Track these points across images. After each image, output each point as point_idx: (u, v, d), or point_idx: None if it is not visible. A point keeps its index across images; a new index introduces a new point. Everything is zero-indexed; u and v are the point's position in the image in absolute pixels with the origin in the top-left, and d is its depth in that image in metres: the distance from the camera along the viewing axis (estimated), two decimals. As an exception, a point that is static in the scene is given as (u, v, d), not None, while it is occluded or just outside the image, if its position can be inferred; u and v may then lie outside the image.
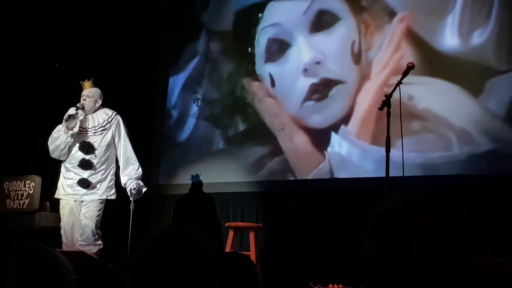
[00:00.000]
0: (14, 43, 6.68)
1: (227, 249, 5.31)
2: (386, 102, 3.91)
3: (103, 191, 5.24)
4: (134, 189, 5.20)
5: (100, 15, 6.82)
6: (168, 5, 7.06)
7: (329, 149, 5.73)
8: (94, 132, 5.29)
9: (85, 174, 5.21)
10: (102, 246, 5.19)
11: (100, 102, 5.41)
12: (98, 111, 5.40)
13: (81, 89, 5.40)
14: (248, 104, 6.26)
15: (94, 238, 5.13)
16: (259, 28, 6.30)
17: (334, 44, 5.83)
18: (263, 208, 5.98)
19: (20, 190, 5.94)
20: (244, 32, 6.41)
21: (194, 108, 6.58)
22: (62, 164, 5.32)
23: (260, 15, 6.31)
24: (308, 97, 5.86)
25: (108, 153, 5.31)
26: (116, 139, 5.35)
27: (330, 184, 5.70)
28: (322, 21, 5.91)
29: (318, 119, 5.82)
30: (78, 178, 5.19)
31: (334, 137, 5.71)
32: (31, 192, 5.90)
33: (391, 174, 4.02)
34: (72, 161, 5.24)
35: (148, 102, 6.81)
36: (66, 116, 5.14)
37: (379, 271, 1.12)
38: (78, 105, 5.23)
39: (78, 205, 5.21)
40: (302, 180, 5.89)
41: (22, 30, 6.70)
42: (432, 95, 5.26)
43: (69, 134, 5.18)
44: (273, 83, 6.13)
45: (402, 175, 4.12)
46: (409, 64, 4.01)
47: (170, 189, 6.51)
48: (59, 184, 5.31)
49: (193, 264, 1.30)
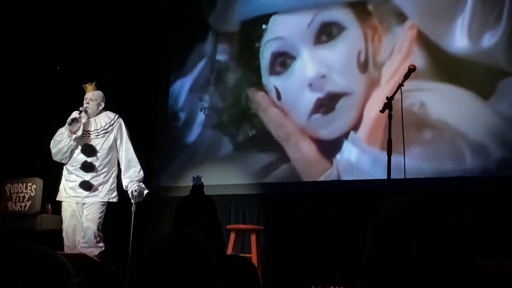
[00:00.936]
0: (16, 45, 6.68)
1: (229, 252, 5.31)
2: (388, 105, 3.90)
3: (105, 194, 5.25)
4: (136, 192, 5.21)
5: (101, 17, 6.83)
6: (169, 6, 7.06)
7: (338, 156, 5.72)
8: (96, 135, 5.30)
9: (87, 177, 5.21)
10: (104, 249, 5.19)
11: (103, 105, 5.42)
12: (100, 114, 5.41)
13: (84, 92, 5.40)
14: (254, 114, 6.25)
15: (96, 241, 5.13)
16: (263, 41, 6.28)
17: (340, 56, 5.81)
18: (265, 210, 5.98)
19: (22, 193, 5.95)
20: (248, 44, 6.41)
21: (201, 116, 6.56)
22: (64, 167, 5.32)
23: (264, 27, 6.29)
24: (315, 111, 5.85)
25: (110, 156, 5.32)
26: (118, 142, 5.36)
27: (331, 186, 5.70)
28: (327, 33, 5.89)
29: (326, 132, 5.82)
30: (80, 181, 5.20)
31: (343, 145, 5.70)
32: (33, 195, 5.90)
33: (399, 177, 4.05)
34: (74, 164, 5.25)
35: (150, 104, 6.81)
36: (69, 120, 5.15)
37: (380, 273, 1.13)
38: (81, 109, 5.24)
39: (80, 208, 5.21)
40: (303, 182, 5.89)
41: (24, 32, 6.71)
42: (443, 102, 5.26)
43: (72, 138, 5.19)
44: (279, 96, 6.11)
45: (404, 177, 4.12)
46: (411, 67, 3.99)
47: (172, 192, 6.51)
48: (61, 187, 5.31)
49: (196, 268, 1.30)
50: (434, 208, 1.14)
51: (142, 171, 5.36)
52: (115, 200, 5.32)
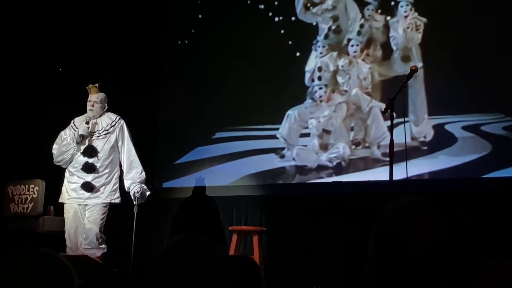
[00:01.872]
0: (18, 48, 6.69)
1: (231, 253, 5.31)
2: (390, 106, 3.90)
3: (107, 195, 5.25)
4: (138, 193, 5.21)
5: (103, 18, 6.83)
6: (172, 5, 7.07)
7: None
8: (98, 136, 5.30)
9: (89, 178, 5.21)
10: (106, 250, 5.19)
11: (106, 107, 5.43)
12: (102, 115, 5.41)
13: (86, 93, 5.40)
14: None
15: (98, 242, 5.13)
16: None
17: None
18: (267, 212, 5.98)
19: (24, 194, 5.95)
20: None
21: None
22: (66, 169, 5.33)
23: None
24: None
25: (112, 157, 5.32)
26: (120, 143, 5.36)
27: (334, 188, 5.71)
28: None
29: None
30: (82, 182, 5.20)
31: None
32: (35, 196, 5.90)
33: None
34: (76, 165, 5.25)
35: (152, 106, 6.81)
36: (79, 137, 5.17)
37: (383, 275, 1.12)
38: (88, 119, 5.27)
39: (82, 209, 5.22)
40: (306, 184, 5.90)
41: (26, 35, 6.71)
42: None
43: (77, 148, 5.24)
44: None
45: (406, 177, 4.11)
46: (413, 68, 4.00)
47: (174, 193, 6.51)
48: (63, 189, 5.32)
49: (208, 272, 1.31)
50: (436, 210, 1.14)
51: (144, 172, 5.36)
52: (118, 201, 5.31)
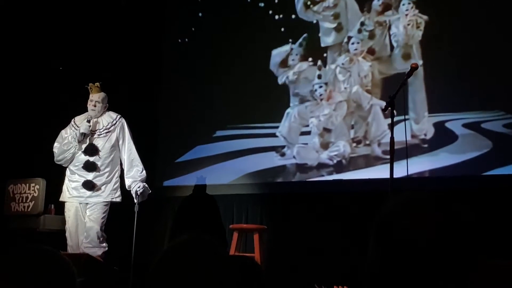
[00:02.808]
0: (18, 47, 6.69)
1: (232, 251, 5.32)
2: (390, 103, 3.89)
3: (108, 193, 5.25)
4: (139, 191, 5.21)
5: (103, 17, 6.83)
6: (172, 6, 7.06)
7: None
8: (99, 135, 5.31)
9: (90, 176, 5.22)
10: (107, 248, 5.20)
11: (107, 106, 5.43)
12: (103, 114, 5.41)
13: (87, 92, 5.40)
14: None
15: (99, 241, 5.14)
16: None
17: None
18: (267, 210, 5.98)
19: (25, 193, 5.95)
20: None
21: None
22: (67, 167, 5.33)
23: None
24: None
25: (113, 156, 5.32)
26: (120, 142, 5.36)
27: (334, 186, 5.71)
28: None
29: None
30: (83, 180, 5.20)
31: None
32: (36, 195, 5.90)
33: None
34: (77, 164, 5.26)
35: (153, 104, 6.81)
36: (80, 136, 5.18)
37: (383, 272, 1.13)
38: (89, 118, 5.27)
39: (83, 208, 5.22)
40: (306, 182, 5.90)
41: (26, 34, 6.71)
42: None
43: (78, 147, 5.24)
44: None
45: (407, 175, 4.12)
46: (413, 65, 3.99)
47: (174, 191, 6.51)
48: (64, 187, 5.32)
49: (212, 273, 1.31)
50: (435, 207, 1.14)
51: (145, 171, 5.36)
52: (119, 200, 5.32)
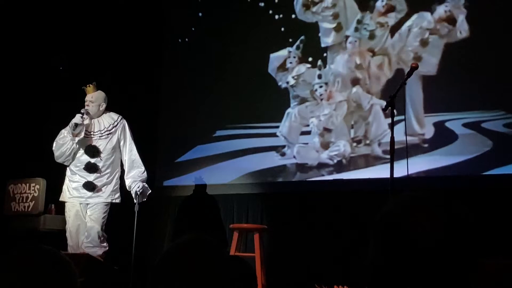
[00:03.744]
0: (18, 47, 6.69)
1: (232, 251, 5.32)
2: (390, 103, 3.89)
3: (108, 194, 5.25)
4: (139, 191, 5.21)
5: (102, 17, 6.83)
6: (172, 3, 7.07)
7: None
8: (100, 136, 5.30)
9: (91, 177, 5.21)
10: (107, 248, 5.20)
11: (104, 106, 5.40)
12: (104, 115, 5.40)
13: (85, 93, 5.39)
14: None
15: (100, 240, 5.14)
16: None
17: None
18: (267, 210, 5.98)
19: (25, 193, 5.95)
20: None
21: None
22: (68, 167, 5.33)
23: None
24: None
25: (114, 157, 5.32)
26: (122, 143, 5.36)
27: (335, 185, 5.71)
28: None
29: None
30: (84, 181, 5.20)
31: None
32: (36, 195, 5.91)
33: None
34: (78, 164, 5.25)
35: (153, 105, 6.81)
36: (73, 125, 5.15)
37: (383, 271, 1.13)
38: (83, 111, 5.24)
39: (84, 208, 5.22)
40: (307, 181, 5.90)
41: (26, 34, 6.71)
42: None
43: (75, 141, 5.20)
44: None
45: (407, 175, 4.11)
46: (413, 65, 3.99)
47: (175, 191, 6.51)
48: (65, 187, 5.32)
49: (214, 272, 1.31)
50: (437, 206, 1.14)
51: (146, 172, 5.36)
52: (118, 201, 5.32)
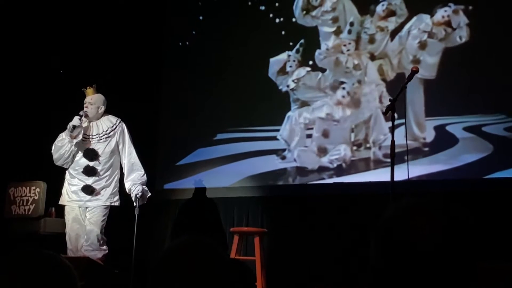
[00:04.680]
0: (19, 50, 6.70)
1: (232, 254, 5.31)
2: (391, 107, 3.90)
3: (107, 198, 5.24)
4: (139, 195, 5.20)
5: (102, 19, 6.84)
6: (171, 6, 7.07)
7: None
8: (98, 140, 5.29)
9: (89, 181, 5.21)
10: (107, 252, 5.19)
11: (103, 108, 5.40)
12: (102, 118, 5.40)
13: (85, 95, 5.40)
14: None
15: (99, 244, 5.13)
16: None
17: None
18: (268, 213, 5.98)
19: (25, 196, 5.95)
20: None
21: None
22: (67, 171, 5.32)
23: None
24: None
25: (112, 160, 5.32)
26: (120, 146, 5.35)
27: (335, 188, 5.71)
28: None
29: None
30: (82, 185, 5.20)
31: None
32: (36, 198, 5.90)
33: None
34: (77, 168, 5.25)
35: (153, 107, 6.81)
36: (71, 127, 5.15)
37: (384, 275, 1.13)
38: (81, 113, 5.23)
39: (83, 211, 5.22)
40: (307, 185, 5.90)
41: (27, 37, 6.72)
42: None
43: (73, 143, 5.19)
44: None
45: (408, 178, 4.11)
46: (414, 69, 4.00)
47: (175, 194, 6.51)
48: (64, 191, 5.31)
49: (212, 274, 1.31)
50: (436, 210, 1.14)
51: (146, 175, 5.36)
52: (117, 204, 5.31)
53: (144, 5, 6.92)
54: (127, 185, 5.29)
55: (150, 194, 5.38)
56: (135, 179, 5.29)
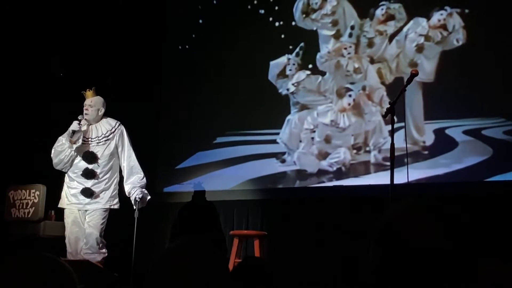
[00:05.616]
0: (19, 53, 6.70)
1: (232, 257, 5.31)
2: (391, 110, 3.90)
3: (106, 200, 5.25)
4: (139, 198, 5.20)
5: (103, 22, 6.84)
6: (173, 7, 7.08)
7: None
8: (98, 142, 5.29)
9: (89, 184, 5.21)
10: (107, 255, 5.19)
11: (103, 111, 5.40)
12: (102, 121, 5.40)
13: (84, 98, 5.40)
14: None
15: (99, 247, 5.13)
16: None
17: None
18: (268, 216, 5.97)
19: (25, 199, 5.95)
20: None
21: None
22: (66, 174, 5.32)
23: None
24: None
25: (112, 163, 5.32)
26: (120, 149, 5.35)
27: (335, 191, 5.71)
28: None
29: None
30: (82, 188, 5.20)
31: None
32: (36, 201, 5.90)
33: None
34: (76, 171, 5.25)
35: (153, 110, 6.82)
36: (70, 132, 5.15)
37: (384, 277, 1.13)
38: (80, 118, 5.23)
39: (82, 214, 5.22)
40: (306, 188, 5.89)
41: (27, 40, 6.72)
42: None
43: (73, 148, 5.19)
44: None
45: (407, 181, 4.11)
46: (413, 72, 4.00)
47: (174, 197, 6.51)
48: (63, 194, 5.31)
49: (210, 276, 1.31)
50: (435, 213, 1.15)
51: (145, 178, 5.36)
52: (117, 207, 5.31)
53: (145, 9, 6.92)
54: (127, 188, 5.29)
55: (150, 197, 5.38)
56: (135, 182, 5.29)
